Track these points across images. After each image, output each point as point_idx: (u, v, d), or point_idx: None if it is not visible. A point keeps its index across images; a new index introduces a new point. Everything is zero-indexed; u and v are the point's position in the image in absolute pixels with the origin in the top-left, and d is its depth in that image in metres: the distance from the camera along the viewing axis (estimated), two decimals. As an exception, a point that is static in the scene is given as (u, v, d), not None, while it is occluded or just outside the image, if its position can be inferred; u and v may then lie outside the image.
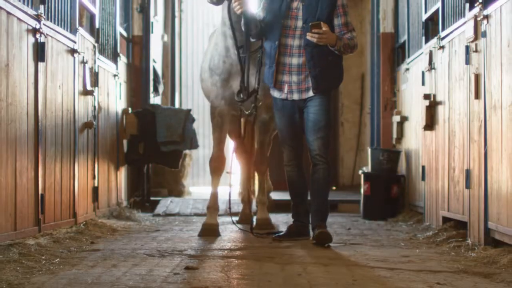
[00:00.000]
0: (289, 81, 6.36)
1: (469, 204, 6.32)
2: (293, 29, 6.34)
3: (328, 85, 6.39)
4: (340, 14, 6.33)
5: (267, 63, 6.44)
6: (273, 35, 6.37)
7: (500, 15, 5.50)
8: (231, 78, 6.93)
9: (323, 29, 6.08)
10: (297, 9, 6.35)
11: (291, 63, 6.34)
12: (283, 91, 6.40)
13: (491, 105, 5.70)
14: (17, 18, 5.54)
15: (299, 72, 6.33)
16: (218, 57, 6.99)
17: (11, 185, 5.43)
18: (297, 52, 6.33)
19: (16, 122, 5.52)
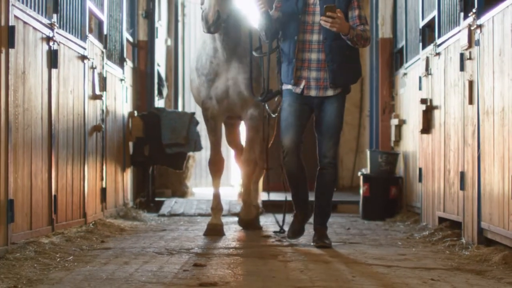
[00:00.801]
0: (307, 76, 6.30)
1: (463, 205, 6.60)
2: (311, 25, 6.31)
3: (346, 80, 6.36)
4: (354, 7, 6.32)
5: (285, 60, 6.38)
6: (290, 32, 6.34)
7: (492, 25, 5.79)
8: (218, 78, 7.10)
9: (337, 14, 6.04)
10: (314, 4, 6.32)
11: (310, 58, 6.30)
12: (299, 85, 6.31)
13: (484, 111, 5.99)
14: (33, 27, 5.82)
15: (319, 68, 6.28)
16: (206, 57, 7.12)
17: (27, 187, 5.71)
18: (316, 47, 6.29)
19: (32, 127, 5.80)
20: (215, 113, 7.24)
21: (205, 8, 6.54)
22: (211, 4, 6.48)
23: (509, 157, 5.37)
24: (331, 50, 6.24)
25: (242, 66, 7.05)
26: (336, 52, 6.25)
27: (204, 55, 7.14)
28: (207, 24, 6.50)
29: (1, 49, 5.18)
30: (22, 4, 5.62)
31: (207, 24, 6.50)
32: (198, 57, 7.25)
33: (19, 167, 5.53)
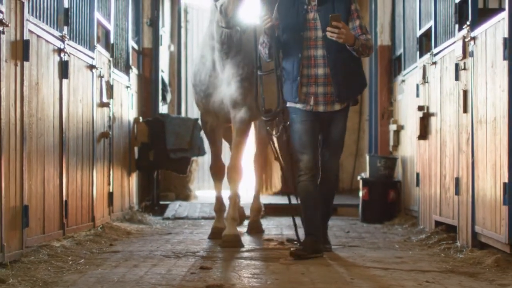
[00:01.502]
0: (315, 92, 6.23)
1: (458, 209, 6.86)
2: (314, 40, 6.24)
3: (351, 93, 6.35)
4: (354, 18, 6.29)
5: (289, 78, 6.28)
6: (293, 49, 6.26)
7: (485, 38, 6.05)
8: (215, 92, 7.08)
9: (343, 24, 6.02)
10: (315, 20, 6.25)
11: (317, 73, 6.22)
12: (309, 103, 6.24)
13: (478, 119, 6.25)
14: (45, 40, 6.08)
15: (326, 83, 6.22)
16: (206, 72, 7.08)
17: (40, 193, 5.97)
18: (321, 62, 6.22)
19: (44, 135, 6.06)
20: (214, 126, 7.35)
21: (223, 2, 6.30)
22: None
23: (501, 165, 5.63)
24: (335, 64, 6.20)
25: (236, 70, 6.93)
26: (340, 65, 6.21)
27: (204, 70, 7.09)
28: (226, 18, 6.32)
29: (16, 62, 5.44)
30: (36, 18, 5.88)
31: (226, 17, 6.31)
32: (196, 72, 7.20)
33: (33, 174, 5.79)
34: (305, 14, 6.25)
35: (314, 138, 6.27)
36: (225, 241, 6.83)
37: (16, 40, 5.42)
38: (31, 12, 5.77)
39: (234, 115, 7.03)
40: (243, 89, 6.91)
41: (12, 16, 5.33)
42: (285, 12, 6.32)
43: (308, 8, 6.26)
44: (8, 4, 5.23)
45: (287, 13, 6.30)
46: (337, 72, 6.21)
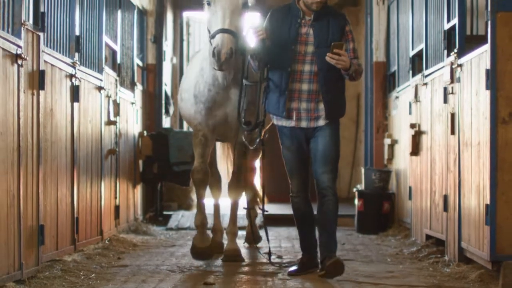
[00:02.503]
0: (298, 107, 6.18)
1: (446, 225, 7.27)
2: (303, 55, 6.17)
3: (339, 112, 6.30)
4: (349, 40, 6.25)
5: (276, 91, 6.23)
6: (282, 62, 6.18)
7: (470, 66, 6.46)
8: (216, 107, 6.93)
9: (344, 52, 6.00)
10: (307, 34, 6.18)
11: (301, 89, 6.16)
12: (292, 118, 6.20)
13: (464, 142, 6.66)
14: (59, 68, 6.50)
15: (309, 99, 6.15)
16: (204, 85, 6.93)
17: (54, 211, 6.39)
18: (307, 77, 6.16)
19: (58, 158, 6.48)
20: (207, 134, 7.07)
21: (217, 44, 6.22)
22: (225, 42, 6.21)
23: (484, 187, 6.04)
24: (326, 82, 6.14)
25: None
26: (331, 83, 6.16)
27: (202, 82, 6.95)
28: (219, 62, 6.23)
29: (33, 92, 5.86)
30: (50, 48, 6.30)
31: (219, 61, 6.22)
32: (196, 83, 7.03)
33: (47, 195, 6.21)
34: (298, 28, 6.19)
35: (301, 163, 6.30)
36: (226, 256, 7.12)
37: (33, 71, 5.85)
38: (46, 43, 6.19)
39: (236, 139, 7.10)
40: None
41: (29, 49, 5.75)
42: (276, 24, 6.26)
43: (301, 22, 6.21)
44: (26, 38, 5.64)
45: (278, 25, 6.24)
46: (328, 90, 6.15)
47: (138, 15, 10.43)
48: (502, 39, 5.88)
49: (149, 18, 11.17)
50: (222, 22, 6.30)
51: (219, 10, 6.35)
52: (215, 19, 6.36)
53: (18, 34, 5.49)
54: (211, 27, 6.43)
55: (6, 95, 5.28)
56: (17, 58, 5.44)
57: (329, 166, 6.22)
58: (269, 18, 6.35)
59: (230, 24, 6.31)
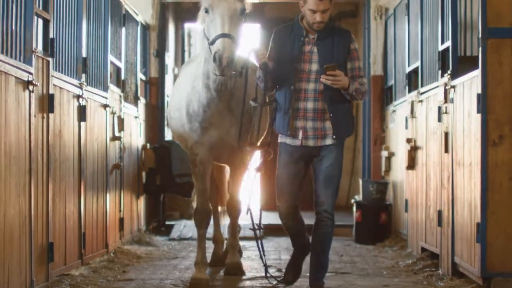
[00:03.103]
0: (304, 126, 6.10)
1: (440, 239, 7.53)
2: (307, 73, 6.10)
3: (346, 131, 6.22)
4: (354, 58, 6.17)
5: (281, 110, 6.18)
6: (286, 80, 6.13)
7: (463, 89, 6.72)
8: (212, 127, 6.77)
9: (338, 72, 5.90)
10: (311, 53, 6.11)
11: (306, 107, 6.09)
12: (298, 137, 6.11)
13: (457, 161, 6.91)
14: (67, 90, 6.76)
15: (315, 118, 6.09)
16: (198, 105, 6.75)
17: (62, 228, 6.65)
18: (312, 96, 6.09)
19: (66, 177, 6.74)
20: (205, 158, 6.89)
21: (218, 49, 6.03)
22: (226, 46, 6.02)
23: (475, 206, 6.30)
24: (332, 101, 6.07)
25: (236, 118, 6.72)
26: (337, 102, 6.09)
27: (196, 102, 6.78)
28: (220, 67, 6.03)
29: (43, 115, 6.13)
30: (59, 72, 6.56)
31: (221, 66, 6.02)
32: (189, 102, 6.85)
33: (56, 213, 6.47)
34: (302, 46, 6.12)
35: (295, 184, 6.20)
36: (228, 269, 7.38)
37: (43, 95, 6.11)
38: (55, 67, 6.45)
39: (232, 160, 7.12)
40: (245, 132, 6.69)
41: (39, 74, 6.01)
42: (280, 42, 6.21)
43: (305, 41, 6.13)
44: (36, 64, 5.91)
45: (282, 44, 6.19)
46: (335, 109, 6.08)
47: (141, 31, 10.69)
48: (492, 64, 6.15)
49: (152, 32, 11.43)
50: (221, 27, 6.14)
51: (218, 16, 6.21)
52: (214, 25, 6.22)
53: (29, 61, 5.75)
54: (209, 34, 6.25)
55: (18, 121, 5.54)
56: (28, 84, 5.70)
57: (331, 190, 6.14)
58: (273, 37, 6.29)
59: (230, 29, 6.15)
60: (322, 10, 6.00)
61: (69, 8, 6.86)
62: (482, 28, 6.19)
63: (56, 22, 6.48)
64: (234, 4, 6.24)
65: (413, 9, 9.14)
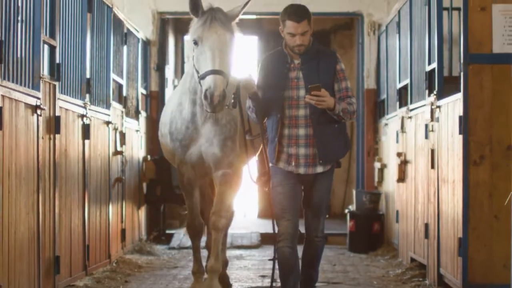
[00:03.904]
0: (296, 153, 5.92)
1: (427, 251, 7.90)
2: (296, 99, 5.91)
3: (334, 155, 5.99)
4: (340, 78, 5.96)
5: (269, 137, 6.03)
6: (274, 108, 5.95)
7: (447, 110, 7.09)
8: (193, 144, 6.62)
9: (322, 92, 5.70)
10: (297, 79, 5.93)
11: (298, 134, 5.92)
12: (291, 163, 5.93)
13: (442, 178, 7.29)
14: (72, 111, 7.14)
15: (307, 144, 5.91)
16: (182, 122, 6.63)
17: (68, 241, 7.02)
18: (303, 122, 5.91)
19: (71, 193, 7.11)
20: (191, 178, 6.79)
21: (209, 87, 5.86)
22: (217, 84, 5.84)
23: (458, 221, 6.67)
24: (319, 125, 5.89)
25: (218, 127, 6.56)
26: (323, 126, 5.89)
27: (180, 119, 6.65)
28: (212, 105, 5.86)
29: (50, 136, 6.50)
30: (65, 95, 6.93)
31: (212, 104, 5.85)
32: (172, 120, 6.75)
33: (62, 227, 6.84)
34: (287, 73, 5.94)
35: (295, 202, 5.98)
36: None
37: (49, 117, 6.48)
38: (61, 90, 6.82)
39: (217, 173, 6.69)
40: (227, 148, 6.54)
41: (46, 98, 6.38)
42: (267, 71, 6.04)
43: (290, 67, 5.95)
44: (43, 89, 6.28)
45: (269, 72, 6.01)
46: (320, 133, 5.90)
47: (142, 46, 11.07)
48: (474, 88, 6.53)
49: (152, 47, 11.82)
50: (212, 62, 5.94)
51: (208, 49, 5.99)
52: (203, 58, 6.01)
53: (37, 87, 6.12)
54: (199, 67, 6.05)
55: (27, 143, 5.91)
56: (37, 108, 6.07)
57: (322, 213, 6.08)
58: (260, 66, 6.15)
59: (220, 64, 5.94)
60: (301, 33, 5.83)
61: (74, 34, 7.24)
62: (463, 54, 6.57)
63: (61, 47, 6.85)
64: (224, 35, 6.06)
65: (403, 27, 9.52)
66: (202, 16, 6.16)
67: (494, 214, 6.47)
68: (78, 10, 7.40)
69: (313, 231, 6.05)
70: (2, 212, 5.35)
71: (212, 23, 6.10)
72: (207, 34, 6.05)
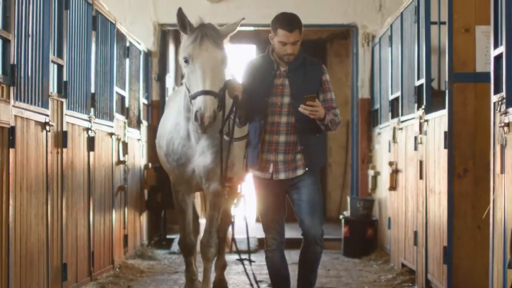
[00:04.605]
0: (275, 160, 5.94)
1: (416, 257, 8.28)
2: (280, 106, 5.93)
3: (319, 162, 6.09)
4: (326, 89, 6.01)
5: (251, 144, 6.02)
6: (258, 114, 5.96)
7: (434, 124, 7.47)
8: (189, 162, 6.65)
9: (317, 103, 5.73)
10: (283, 86, 5.94)
11: (278, 141, 5.93)
12: (268, 170, 5.95)
13: (429, 188, 7.67)
14: (78, 125, 7.52)
15: (286, 151, 5.93)
16: (179, 141, 6.65)
17: (74, 249, 7.40)
18: (284, 129, 5.93)
19: (77, 203, 7.50)
20: (186, 196, 6.92)
21: (199, 108, 5.83)
22: (208, 105, 5.81)
23: (443, 231, 7.06)
24: (304, 133, 5.93)
25: (211, 140, 6.54)
26: (309, 134, 5.95)
27: (178, 139, 6.67)
28: (202, 126, 5.86)
29: (58, 150, 6.88)
30: (71, 110, 7.30)
31: (203, 125, 5.85)
32: (169, 141, 6.77)
33: (69, 236, 7.22)
34: (273, 79, 5.95)
35: (278, 213, 6.03)
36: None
37: (57, 132, 6.86)
38: (68, 106, 7.19)
39: (207, 186, 6.69)
40: (219, 160, 6.31)
41: (54, 115, 6.76)
42: (251, 76, 6.02)
43: (276, 73, 5.97)
44: (52, 105, 6.65)
45: (253, 77, 6.00)
46: (306, 142, 5.95)
47: (144, 58, 11.45)
48: (458, 105, 6.91)
49: (153, 58, 12.19)
50: (202, 83, 5.87)
51: (199, 69, 5.91)
52: (194, 78, 5.94)
53: (46, 105, 6.50)
54: (190, 86, 6.00)
55: (37, 158, 6.29)
56: (45, 125, 6.45)
57: (317, 214, 5.96)
58: (244, 70, 6.11)
59: (212, 84, 5.87)
60: (292, 42, 5.85)
61: (79, 52, 7.62)
62: (448, 73, 6.95)
63: (68, 66, 7.23)
64: (214, 53, 5.99)
65: (395, 41, 9.90)
66: (193, 33, 6.06)
67: (477, 224, 6.84)
68: (83, 29, 7.77)
69: (313, 235, 5.91)
70: (15, 224, 5.73)
71: (203, 41, 6.01)
72: (198, 52, 5.97)
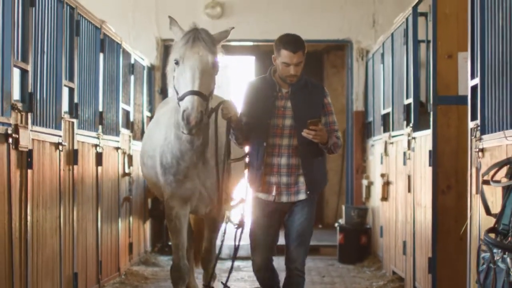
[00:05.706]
0: (278, 182, 5.93)
1: (405, 266, 8.79)
2: (281, 128, 5.92)
3: (319, 186, 6.12)
4: (328, 112, 6.01)
5: (254, 165, 5.99)
6: (259, 136, 5.94)
7: (420, 142, 7.99)
8: (188, 180, 6.48)
9: (320, 127, 5.73)
10: (284, 108, 5.93)
11: (280, 163, 5.92)
12: (271, 193, 5.95)
13: (417, 202, 8.18)
14: (87, 143, 8.03)
15: (289, 173, 5.92)
16: (172, 156, 6.46)
17: (84, 259, 7.91)
18: (286, 152, 5.92)
19: (86, 216, 8.01)
20: (181, 213, 6.59)
21: (186, 108, 5.74)
22: (195, 105, 5.71)
23: (428, 242, 7.57)
24: (306, 156, 5.92)
25: (211, 169, 6.46)
26: (311, 157, 5.94)
27: (169, 153, 6.49)
28: (188, 126, 5.74)
29: (69, 167, 7.39)
30: (82, 129, 7.81)
31: (189, 126, 5.74)
32: (162, 153, 6.58)
33: (79, 246, 7.74)
34: (275, 101, 5.94)
35: (270, 238, 6.00)
36: None
37: (69, 151, 7.37)
38: (79, 125, 7.70)
39: (208, 211, 6.77)
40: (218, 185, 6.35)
41: (66, 135, 7.27)
42: (253, 97, 6.02)
43: (278, 95, 5.96)
44: (64, 126, 7.17)
45: (255, 99, 5.99)
46: (308, 164, 5.94)
47: (147, 72, 11.96)
48: (441, 126, 7.41)
49: (156, 72, 12.70)
50: (191, 83, 5.81)
51: (188, 70, 5.87)
52: (183, 79, 5.88)
53: (59, 126, 7.01)
54: (179, 87, 5.94)
55: (52, 176, 6.80)
56: (59, 145, 6.96)
57: (303, 248, 5.97)
58: (245, 91, 6.10)
59: (200, 85, 5.81)
60: (296, 63, 5.82)
61: (88, 74, 8.13)
62: (433, 96, 7.46)
63: (79, 88, 7.73)
64: (206, 56, 5.94)
65: (386, 60, 10.40)
66: (185, 36, 6.05)
67: (460, 237, 7.34)
68: (92, 52, 8.29)
69: (292, 263, 5.92)
70: (32, 238, 6.24)
71: (195, 43, 5.98)
72: (189, 54, 5.94)
